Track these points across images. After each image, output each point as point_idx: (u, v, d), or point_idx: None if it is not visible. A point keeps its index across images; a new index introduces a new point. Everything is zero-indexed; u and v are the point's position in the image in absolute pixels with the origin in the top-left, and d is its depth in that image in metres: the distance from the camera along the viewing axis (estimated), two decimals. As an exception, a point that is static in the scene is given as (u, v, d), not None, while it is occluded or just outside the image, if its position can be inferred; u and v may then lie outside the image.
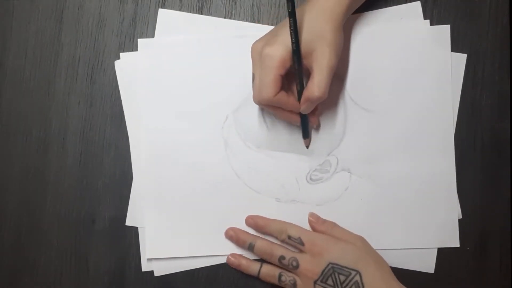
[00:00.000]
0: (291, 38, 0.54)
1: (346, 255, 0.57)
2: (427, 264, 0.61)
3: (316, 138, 0.62)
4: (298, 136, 0.62)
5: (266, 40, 0.56)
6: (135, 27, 0.63)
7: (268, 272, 0.60)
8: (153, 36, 0.63)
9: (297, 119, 0.59)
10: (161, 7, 0.63)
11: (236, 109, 0.62)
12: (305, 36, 0.55)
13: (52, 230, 0.63)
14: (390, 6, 0.62)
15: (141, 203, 0.62)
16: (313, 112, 0.59)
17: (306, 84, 0.56)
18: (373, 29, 0.62)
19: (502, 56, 0.62)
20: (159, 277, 0.62)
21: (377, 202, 0.61)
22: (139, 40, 0.62)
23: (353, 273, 0.56)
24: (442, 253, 0.61)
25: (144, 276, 0.62)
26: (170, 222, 0.62)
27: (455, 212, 0.61)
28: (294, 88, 0.58)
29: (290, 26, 0.54)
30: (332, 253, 0.57)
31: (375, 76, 0.61)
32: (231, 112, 0.62)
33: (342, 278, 0.56)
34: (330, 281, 0.57)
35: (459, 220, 0.61)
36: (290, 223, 0.60)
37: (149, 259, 0.62)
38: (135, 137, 0.62)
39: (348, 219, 0.61)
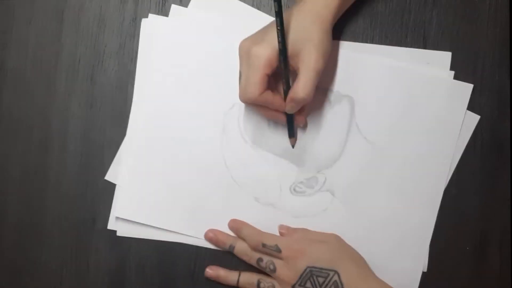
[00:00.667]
0: (278, 38, 0.54)
1: (323, 256, 0.57)
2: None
3: (312, 152, 0.62)
4: (296, 145, 0.62)
5: (254, 39, 0.56)
6: (136, 27, 0.63)
7: (247, 279, 0.60)
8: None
9: (283, 118, 0.59)
10: (162, 7, 0.63)
11: None
12: (292, 37, 0.55)
13: (53, 230, 0.63)
14: (422, 47, 0.62)
15: (123, 161, 0.62)
16: (300, 111, 0.59)
17: (292, 85, 0.56)
18: (399, 65, 0.62)
19: (501, 56, 0.62)
20: (158, 277, 0.62)
21: (350, 231, 0.61)
22: (172, 5, 0.62)
23: (331, 273, 0.56)
24: (442, 252, 0.61)
25: (144, 277, 0.62)
26: (147, 188, 0.61)
27: (421, 264, 0.61)
28: (281, 87, 0.58)
29: (276, 26, 0.54)
30: (309, 256, 0.57)
31: (386, 110, 0.61)
32: (239, 102, 0.61)
33: (320, 280, 0.56)
34: (308, 284, 0.57)
35: (458, 224, 0.61)
36: (265, 232, 0.60)
37: (117, 218, 0.61)
38: (140, 98, 0.62)
39: None
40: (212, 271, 0.61)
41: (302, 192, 0.62)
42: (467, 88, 0.62)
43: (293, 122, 0.60)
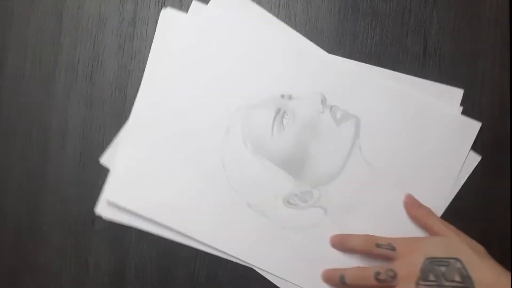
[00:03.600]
0: None
1: (439, 246, 0.56)
2: None
3: (311, 166, 0.61)
4: (296, 156, 0.61)
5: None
6: (135, 27, 0.63)
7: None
8: (153, 36, 0.63)
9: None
10: (161, 6, 0.63)
11: (252, 105, 0.62)
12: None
13: (52, 230, 0.63)
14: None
15: (121, 147, 0.62)
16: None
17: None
18: (410, 94, 0.62)
19: (502, 56, 0.62)
20: (158, 278, 0.62)
21: (336, 251, 0.61)
22: (193, 2, 0.62)
23: (452, 261, 0.55)
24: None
25: (144, 277, 0.62)
26: (142, 177, 0.61)
27: None
28: None
29: None
30: (425, 248, 0.56)
31: (391, 136, 0.61)
32: (246, 106, 0.61)
33: (443, 269, 0.55)
34: (431, 277, 0.55)
35: (457, 226, 0.61)
36: (369, 234, 0.59)
37: (109, 202, 0.61)
38: (148, 87, 0.62)
39: (305, 253, 0.61)
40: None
41: (295, 205, 0.62)
42: (474, 126, 0.61)
43: None
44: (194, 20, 0.62)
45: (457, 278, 0.54)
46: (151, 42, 0.63)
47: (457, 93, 0.62)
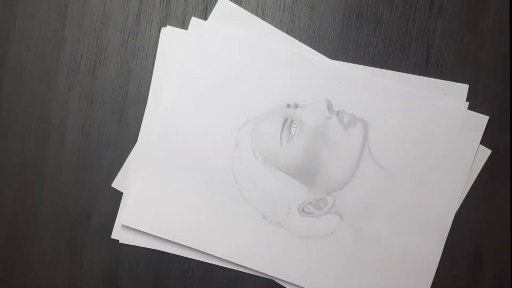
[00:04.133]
0: None
1: None
2: None
3: (323, 173, 0.61)
4: (307, 165, 0.61)
5: None
6: (139, 25, 0.63)
7: None
8: (158, 34, 0.63)
9: None
10: (166, 5, 0.63)
11: (259, 117, 0.62)
12: None
13: (48, 224, 0.63)
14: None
15: (133, 169, 0.62)
16: None
17: None
18: (415, 93, 0.62)
19: (503, 68, 0.62)
20: (152, 276, 0.62)
21: (357, 255, 0.61)
22: (192, 18, 0.62)
23: None
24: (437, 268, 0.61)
25: (137, 275, 0.62)
26: (155, 198, 0.61)
27: None
28: None
29: None
30: None
31: (400, 137, 0.61)
32: (253, 118, 0.62)
33: None
34: None
35: (455, 236, 0.61)
36: None
37: (123, 226, 0.61)
38: (154, 107, 0.62)
39: (325, 261, 0.61)
40: None
41: (310, 213, 0.62)
42: (482, 119, 0.61)
43: None
44: (194, 37, 0.62)
45: None
46: (155, 40, 0.63)
47: (462, 89, 0.62)
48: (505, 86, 0.62)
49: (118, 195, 0.62)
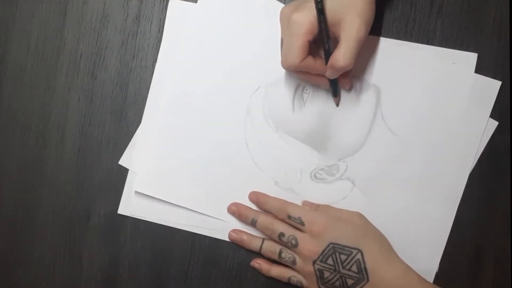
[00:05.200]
0: (317, 2, 0.53)
1: (347, 234, 0.57)
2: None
3: (335, 139, 0.62)
4: (319, 130, 0.61)
5: (295, 5, 0.56)
6: (139, 25, 0.63)
7: (269, 248, 0.60)
8: (158, 34, 0.63)
9: (326, 82, 0.59)
10: (166, 5, 0.63)
11: (271, 83, 0.62)
12: (334, 4, 0.54)
13: (47, 224, 0.63)
14: (448, 47, 0.62)
15: (141, 144, 0.62)
16: (344, 74, 0.58)
17: (333, 50, 0.55)
18: (426, 59, 0.61)
19: (503, 68, 0.62)
20: (151, 275, 0.62)
21: (370, 221, 0.61)
22: None
23: (354, 251, 0.56)
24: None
25: (137, 275, 0.62)
26: (170, 165, 0.62)
27: (435, 263, 0.61)
28: (322, 52, 0.57)
29: None
30: (333, 233, 0.57)
31: (412, 103, 0.61)
32: (265, 85, 0.61)
33: (343, 257, 0.56)
34: (330, 261, 0.57)
35: (454, 237, 0.61)
36: (291, 202, 0.60)
37: (136, 193, 0.61)
38: (161, 77, 0.62)
39: None
40: (236, 235, 0.61)
41: (322, 179, 0.62)
42: (494, 84, 0.61)
43: (337, 84, 0.59)
44: (203, 6, 0.62)
45: (354, 269, 0.56)
46: (154, 40, 0.63)
47: (471, 57, 0.61)
48: (505, 85, 0.62)
49: (118, 195, 0.62)
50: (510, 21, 0.62)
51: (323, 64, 0.57)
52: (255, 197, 0.61)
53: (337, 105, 0.61)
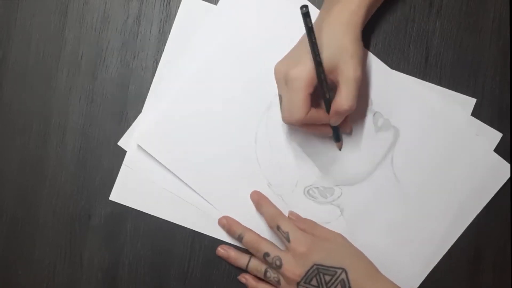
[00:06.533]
0: (313, 52, 0.54)
1: (331, 254, 0.58)
2: None
3: (340, 165, 0.61)
4: (328, 153, 0.61)
5: (289, 61, 0.56)
6: (139, 25, 0.63)
7: (255, 266, 0.60)
8: (159, 35, 0.63)
9: (329, 131, 0.59)
10: (166, 5, 0.63)
11: None
12: (327, 52, 0.55)
13: (48, 224, 0.63)
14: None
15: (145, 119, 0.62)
16: (344, 120, 0.58)
17: (334, 97, 0.56)
18: (448, 122, 0.61)
19: (503, 69, 0.62)
20: (151, 276, 0.62)
21: None
22: None
23: (339, 271, 0.57)
24: (436, 269, 0.61)
25: (137, 275, 0.62)
26: (173, 129, 0.61)
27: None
28: (322, 102, 0.57)
29: (310, 40, 0.53)
30: (317, 254, 0.57)
31: (425, 157, 0.61)
32: None
33: (327, 278, 0.57)
34: (314, 282, 0.57)
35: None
36: (284, 215, 0.61)
37: (138, 146, 0.61)
38: (161, 78, 0.62)
39: None
40: (223, 251, 0.61)
41: (314, 198, 0.62)
42: (506, 168, 0.61)
43: (338, 130, 0.60)
44: (224, 9, 0.62)
45: None
46: (155, 41, 0.63)
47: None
48: (504, 86, 0.62)
49: (118, 195, 0.62)
50: (510, 21, 0.62)
51: (325, 113, 0.57)
52: (257, 197, 0.61)
53: (340, 149, 0.61)
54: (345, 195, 0.62)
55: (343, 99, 0.55)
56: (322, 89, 0.56)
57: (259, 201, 0.61)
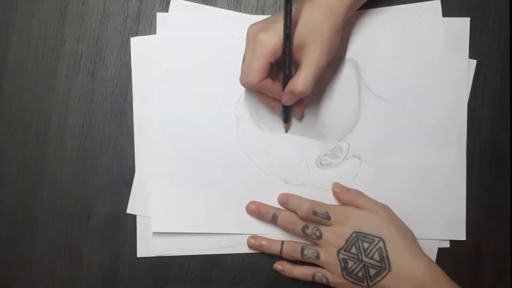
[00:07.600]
0: (285, 23, 0.53)
1: (369, 223, 0.58)
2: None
3: (329, 122, 0.62)
4: (311, 120, 0.62)
5: (263, 25, 0.56)
6: (139, 25, 0.63)
7: (290, 248, 0.60)
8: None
9: (279, 107, 0.59)
10: (166, 5, 0.63)
11: (250, 90, 0.61)
12: (301, 29, 0.55)
13: (47, 224, 0.63)
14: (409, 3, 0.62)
15: (145, 188, 0.62)
16: (298, 102, 0.59)
17: (293, 76, 0.56)
18: (392, 23, 0.62)
19: (503, 68, 0.62)
20: (152, 277, 0.62)
21: (386, 190, 0.61)
22: (158, 14, 0.62)
23: (376, 239, 0.57)
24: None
25: (137, 275, 0.62)
26: (177, 197, 0.61)
27: (463, 206, 0.61)
28: (281, 76, 0.57)
29: (285, 11, 0.53)
30: (355, 222, 0.58)
31: (392, 67, 0.61)
32: (245, 93, 0.61)
33: (365, 245, 0.57)
34: (353, 250, 0.57)
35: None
36: (312, 200, 0.60)
37: (155, 233, 0.61)
38: (141, 117, 0.62)
39: None
40: (254, 241, 0.61)
41: (329, 164, 0.62)
42: (464, 22, 0.62)
43: (289, 111, 0.60)
44: (162, 38, 0.62)
45: (376, 257, 0.57)
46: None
47: (435, 5, 0.62)
48: (505, 85, 0.62)
49: (118, 195, 0.62)
50: (510, 21, 0.62)
51: (281, 88, 0.57)
52: (284, 198, 0.61)
53: (286, 131, 0.61)
54: (352, 143, 0.61)
55: (300, 80, 0.54)
56: (284, 63, 0.56)
57: (288, 199, 0.61)
